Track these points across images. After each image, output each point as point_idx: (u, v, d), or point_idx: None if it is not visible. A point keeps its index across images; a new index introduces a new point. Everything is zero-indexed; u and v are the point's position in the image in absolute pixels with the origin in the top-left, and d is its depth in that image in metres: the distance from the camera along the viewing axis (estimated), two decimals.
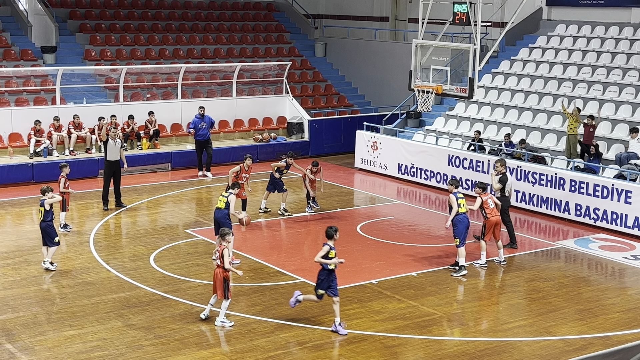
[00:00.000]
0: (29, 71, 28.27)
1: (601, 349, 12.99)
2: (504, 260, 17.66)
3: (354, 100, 34.86)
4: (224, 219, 16.93)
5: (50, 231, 16.66)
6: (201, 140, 25.73)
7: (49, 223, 16.65)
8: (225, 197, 16.93)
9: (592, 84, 25.77)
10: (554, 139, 24.38)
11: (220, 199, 17.00)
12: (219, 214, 16.97)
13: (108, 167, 21.51)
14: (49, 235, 16.64)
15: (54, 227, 16.81)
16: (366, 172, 27.21)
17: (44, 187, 17.08)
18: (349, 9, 38.64)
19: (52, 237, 16.66)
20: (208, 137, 25.87)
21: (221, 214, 16.96)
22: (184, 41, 33.42)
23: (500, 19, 29.49)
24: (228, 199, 16.86)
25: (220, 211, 16.97)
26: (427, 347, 13.38)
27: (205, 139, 25.77)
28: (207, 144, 25.90)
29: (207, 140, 25.86)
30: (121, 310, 14.68)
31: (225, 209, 16.94)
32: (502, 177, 18.38)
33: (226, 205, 16.90)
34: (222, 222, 16.80)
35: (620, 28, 27.84)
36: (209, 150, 25.92)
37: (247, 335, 13.65)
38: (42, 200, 16.78)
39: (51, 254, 16.78)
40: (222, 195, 17.02)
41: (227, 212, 16.98)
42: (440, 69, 22.83)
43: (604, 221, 20.57)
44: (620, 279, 17.40)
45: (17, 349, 13.00)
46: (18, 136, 25.61)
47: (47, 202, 16.71)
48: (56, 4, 32.69)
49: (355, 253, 18.27)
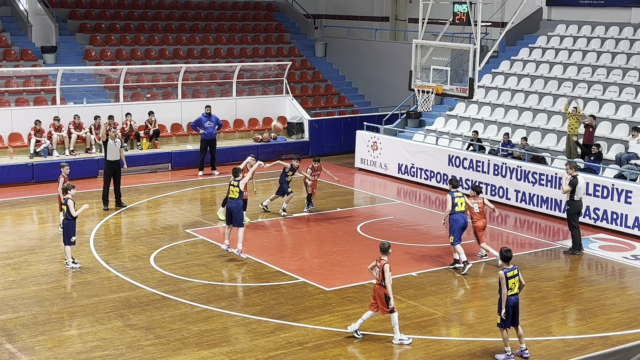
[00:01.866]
0: (29, 71, 28.27)
1: (601, 349, 12.98)
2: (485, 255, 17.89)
3: (354, 100, 34.86)
4: (238, 209, 17.19)
5: (69, 229, 16.76)
6: (207, 139, 25.79)
7: (72, 222, 16.74)
8: (237, 185, 17.17)
9: (592, 84, 25.77)
10: (554, 139, 24.37)
11: (231, 189, 17.29)
12: (233, 203, 17.22)
13: (108, 167, 21.51)
14: (68, 234, 16.76)
15: (74, 226, 16.85)
16: (366, 172, 27.21)
17: (65, 185, 17.19)
18: (349, 9, 38.64)
19: (70, 235, 16.76)
20: (214, 137, 25.93)
21: (235, 203, 17.23)
22: (184, 41, 33.42)
23: (500, 19, 29.48)
24: (240, 185, 17.15)
25: (234, 201, 17.24)
26: (427, 347, 13.38)
27: (212, 138, 25.84)
28: (213, 143, 25.96)
29: (213, 139, 25.93)
30: (121, 310, 14.68)
31: (239, 198, 17.19)
32: (572, 180, 18.21)
33: (240, 193, 17.16)
34: (235, 213, 17.12)
35: (620, 28, 27.83)
36: (213, 149, 25.97)
37: (247, 335, 13.65)
38: (65, 198, 16.87)
39: (68, 253, 16.83)
40: (232, 185, 17.28)
41: (241, 202, 17.27)
42: (441, 69, 22.83)
43: (604, 221, 20.57)
44: (620, 279, 17.39)
45: (17, 349, 13.00)
46: (18, 136, 25.61)
47: (73, 210, 16.68)
48: (56, 4, 32.69)
49: (355, 253, 18.26)
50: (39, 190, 23.57)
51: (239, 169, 17.95)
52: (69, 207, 16.67)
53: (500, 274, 12.59)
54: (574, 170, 18.36)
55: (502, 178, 22.91)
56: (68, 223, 16.82)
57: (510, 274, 12.59)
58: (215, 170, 26.17)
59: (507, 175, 22.81)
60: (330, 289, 15.93)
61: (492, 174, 23.17)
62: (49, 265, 17.09)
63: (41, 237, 19.33)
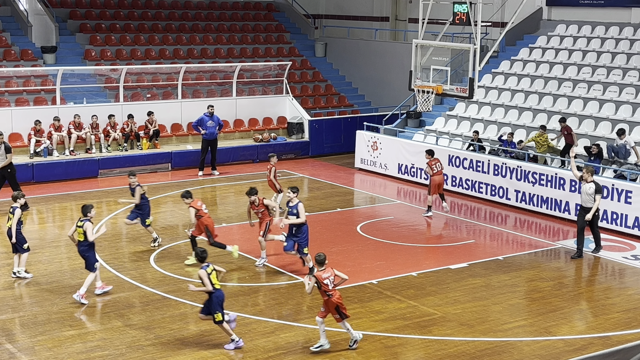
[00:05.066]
0: (29, 71, 28.27)
1: (601, 349, 12.99)
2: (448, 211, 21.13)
3: (354, 100, 34.86)
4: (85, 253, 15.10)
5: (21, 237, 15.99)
6: (208, 139, 25.79)
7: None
8: (81, 225, 14.85)
9: (592, 84, 25.77)
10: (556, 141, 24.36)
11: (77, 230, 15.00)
12: (79, 247, 15.08)
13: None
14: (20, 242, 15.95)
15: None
16: (366, 172, 27.21)
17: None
18: (349, 9, 38.64)
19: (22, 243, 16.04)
20: (215, 137, 25.93)
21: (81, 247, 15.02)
22: (184, 41, 33.42)
23: (500, 19, 29.49)
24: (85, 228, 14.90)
25: (80, 244, 15.00)
26: (427, 347, 13.39)
27: (213, 137, 25.84)
28: (214, 143, 25.96)
29: (215, 139, 25.93)
30: (121, 310, 14.68)
31: (84, 241, 14.93)
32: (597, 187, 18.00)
33: (84, 235, 14.87)
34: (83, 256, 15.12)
35: (620, 28, 27.84)
36: (214, 150, 25.97)
37: (247, 335, 13.65)
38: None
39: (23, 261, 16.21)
40: (77, 227, 14.97)
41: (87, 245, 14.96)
42: (441, 69, 22.85)
43: (604, 221, 20.55)
44: (621, 279, 17.39)
45: (17, 349, 13.01)
46: (18, 136, 25.61)
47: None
48: (56, 4, 32.68)
49: (355, 253, 18.27)
50: (39, 191, 23.57)
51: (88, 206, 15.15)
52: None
53: (201, 272, 13.03)
54: (591, 175, 18.13)
55: (502, 178, 22.92)
56: (19, 232, 15.89)
57: (210, 270, 13.06)
58: (216, 170, 26.17)
59: (507, 175, 22.81)
60: None
61: (492, 174, 23.17)
62: (49, 265, 17.09)
63: (41, 237, 19.32)
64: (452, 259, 17.80)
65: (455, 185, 24.10)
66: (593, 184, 17.94)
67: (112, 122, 26.53)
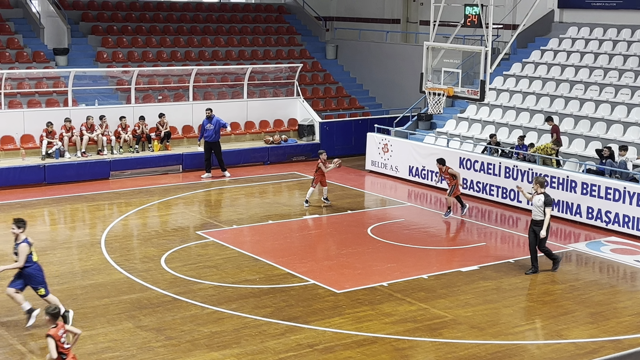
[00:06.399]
0: (41, 73, 28.38)
1: (613, 353, 12.94)
2: None
3: (365, 102, 34.85)
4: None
5: None
6: (207, 141, 25.81)
7: None
8: None
9: (604, 86, 25.69)
10: (564, 142, 24.28)
11: None
12: None
13: None
14: None
15: None
16: (377, 174, 27.19)
17: None
18: (360, 11, 38.64)
19: None
20: (215, 139, 25.88)
21: None
22: (195, 43, 33.49)
23: (512, 21, 29.44)
24: None
25: None
26: (437, 350, 13.36)
27: (212, 140, 25.81)
28: (215, 145, 25.93)
29: (216, 142, 25.90)
30: (132, 311, 14.71)
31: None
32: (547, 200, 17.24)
33: None
34: None
35: (632, 30, 27.74)
36: (217, 152, 25.94)
37: (257, 337, 13.66)
38: None
39: None
40: None
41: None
42: (452, 71, 22.81)
43: (615, 224, 20.49)
44: (632, 282, 17.32)
45: (28, 349, 13.05)
46: (30, 137, 25.70)
47: None
48: (68, 6, 32.82)
49: (365, 255, 18.26)
50: (50, 192, 23.66)
51: None
52: None
53: None
54: (541, 186, 17.02)
55: (514, 181, 22.86)
56: None
57: None
58: (226, 171, 26.18)
59: (518, 178, 22.74)
60: (340, 291, 15.92)
61: (504, 177, 23.12)
62: (60, 266, 17.14)
63: (52, 238, 19.39)
64: (463, 262, 17.76)
65: (467, 187, 24.05)
66: (543, 196, 16.90)
67: (124, 124, 26.61)
